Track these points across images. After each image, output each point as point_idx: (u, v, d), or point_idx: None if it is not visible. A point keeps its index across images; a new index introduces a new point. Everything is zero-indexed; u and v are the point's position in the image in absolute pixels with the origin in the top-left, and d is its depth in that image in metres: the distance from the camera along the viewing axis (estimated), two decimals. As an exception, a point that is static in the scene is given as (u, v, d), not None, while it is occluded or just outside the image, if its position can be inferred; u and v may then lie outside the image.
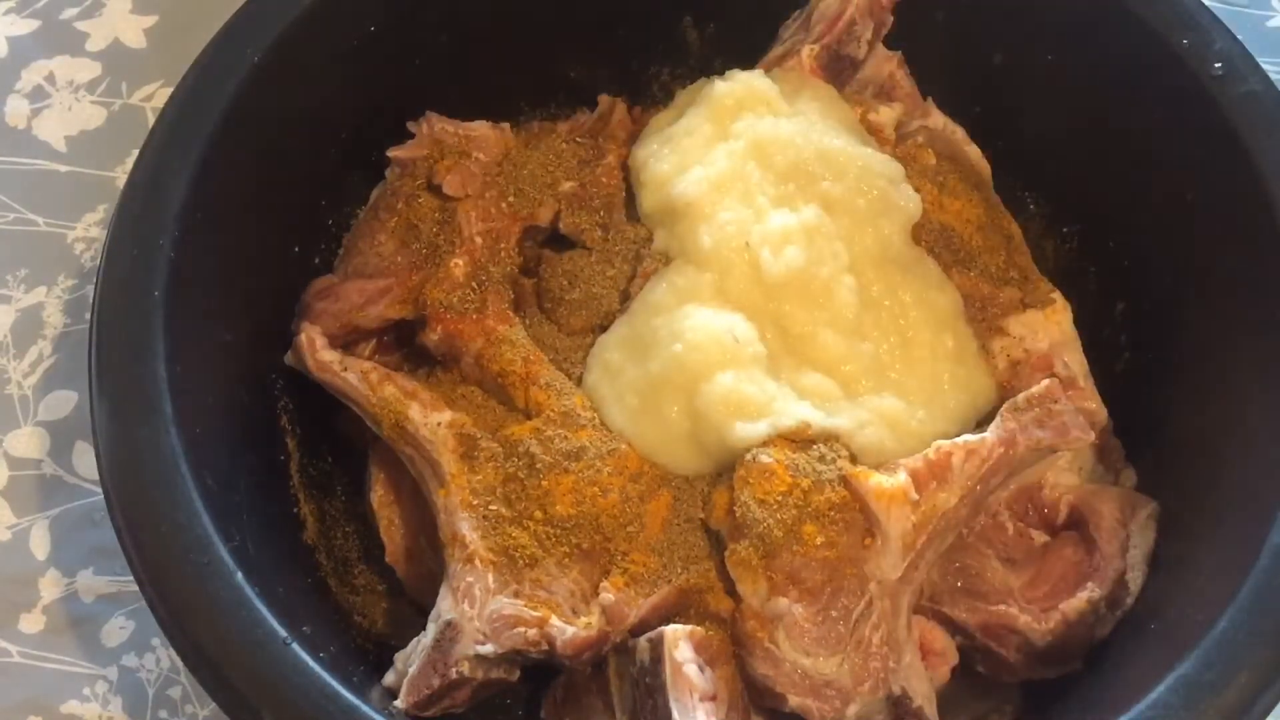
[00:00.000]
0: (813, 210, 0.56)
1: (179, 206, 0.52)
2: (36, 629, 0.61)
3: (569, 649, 0.49)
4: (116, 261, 0.52)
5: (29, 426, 0.65)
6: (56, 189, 0.71)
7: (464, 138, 0.60)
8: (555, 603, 0.51)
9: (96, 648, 0.60)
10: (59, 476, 0.64)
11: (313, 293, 0.58)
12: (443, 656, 0.50)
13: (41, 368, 0.67)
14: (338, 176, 0.60)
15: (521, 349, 0.56)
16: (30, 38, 0.75)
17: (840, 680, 0.50)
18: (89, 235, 0.70)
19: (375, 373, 0.55)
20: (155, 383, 0.49)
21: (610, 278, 0.58)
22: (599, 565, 0.52)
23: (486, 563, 0.51)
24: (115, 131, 0.72)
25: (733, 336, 0.53)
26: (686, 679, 0.49)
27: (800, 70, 0.61)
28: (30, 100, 0.73)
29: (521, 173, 0.60)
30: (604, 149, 0.60)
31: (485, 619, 0.50)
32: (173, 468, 0.48)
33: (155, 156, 0.54)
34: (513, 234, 0.59)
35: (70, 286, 0.68)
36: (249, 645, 0.46)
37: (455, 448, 0.53)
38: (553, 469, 0.52)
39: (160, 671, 0.60)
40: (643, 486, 0.53)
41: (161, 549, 0.47)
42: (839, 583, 0.51)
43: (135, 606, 0.61)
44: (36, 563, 0.62)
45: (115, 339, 0.51)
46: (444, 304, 0.57)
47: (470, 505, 0.52)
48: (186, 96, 0.55)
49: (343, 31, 0.58)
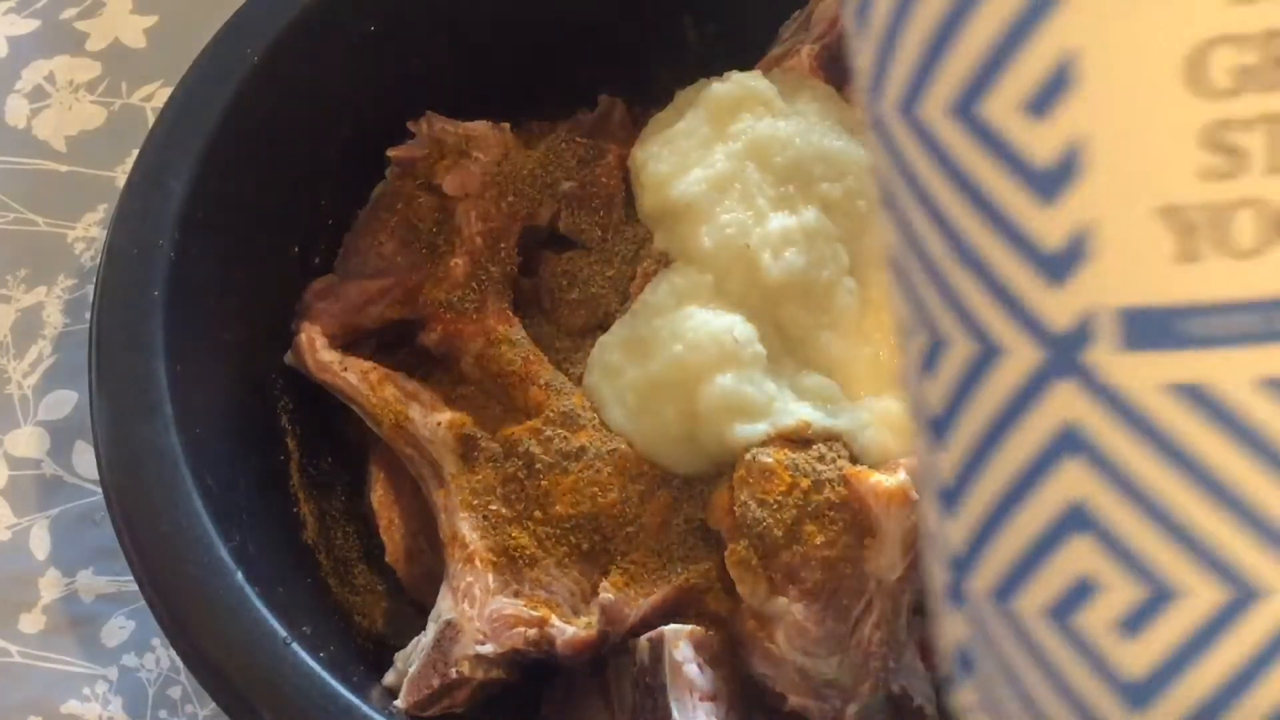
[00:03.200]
0: (813, 212, 0.56)
1: (179, 206, 0.52)
2: (36, 629, 0.61)
3: (569, 649, 0.49)
4: (116, 261, 0.52)
5: (29, 426, 0.65)
6: (56, 189, 0.70)
7: (464, 137, 0.60)
8: (555, 603, 0.51)
9: (96, 648, 0.60)
10: (59, 476, 0.64)
11: (313, 293, 0.58)
12: (443, 656, 0.50)
13: (41, 367, 0.67)
14: (338, 176, 0.60)
15: (521, 349, 0.56)
16: (30, 37, 0.74)
17: (840, 680, 0.50)
18: (89, 235, 0.69)
19: (375, 373, 0.55)
20: (155, 383, 0.49)
21: (610, 278, 0.58)
22: (599, 565, 0.52)
23: (486, 563, 0.51)
24: (115, 131, 0.72)
25: (733, 337, 0.53)
26: (686, 679, 0.49)
27: (800, 70, 0.60)
28: (30, 100, 0.73)
29: (521, 172, 0.60)
30: (604, 149, 0.60)
31: (485, 619, 0.50)
32: (173, 468, 0.48)
33: (155, 156, 0.54)
34: (512, 234, 0.59)
35: (70, 286, 0.68)
36: (249, 645, 0.46)
37: (455, 448, 0.53)
38: (552, 469, 0.52)
39: (160, 671, 0.60)
40: (642, 487, 0.53)
41: (161, 549, 0.47)
42: (839, 582, 0.50)
43: (135, 606, 0.61)
44: (36, 562, 0.62)
45: (115, 339, 0.51)
46: (443, 304, 0.57)
47: (470, 505, 0.52)
48: (187, 96, 0.55)
49: (343, 31, 0.58)
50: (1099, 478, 0.25)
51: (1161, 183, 0.23)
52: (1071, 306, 0.25)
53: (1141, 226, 0.24)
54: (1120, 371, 0.24)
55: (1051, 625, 0.26)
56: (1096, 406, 0.25)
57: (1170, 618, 0.25)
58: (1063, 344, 0.25)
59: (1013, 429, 0.26)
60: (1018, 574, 0.27)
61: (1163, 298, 0.24)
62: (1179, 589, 0.25)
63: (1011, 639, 0.27)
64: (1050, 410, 0.25)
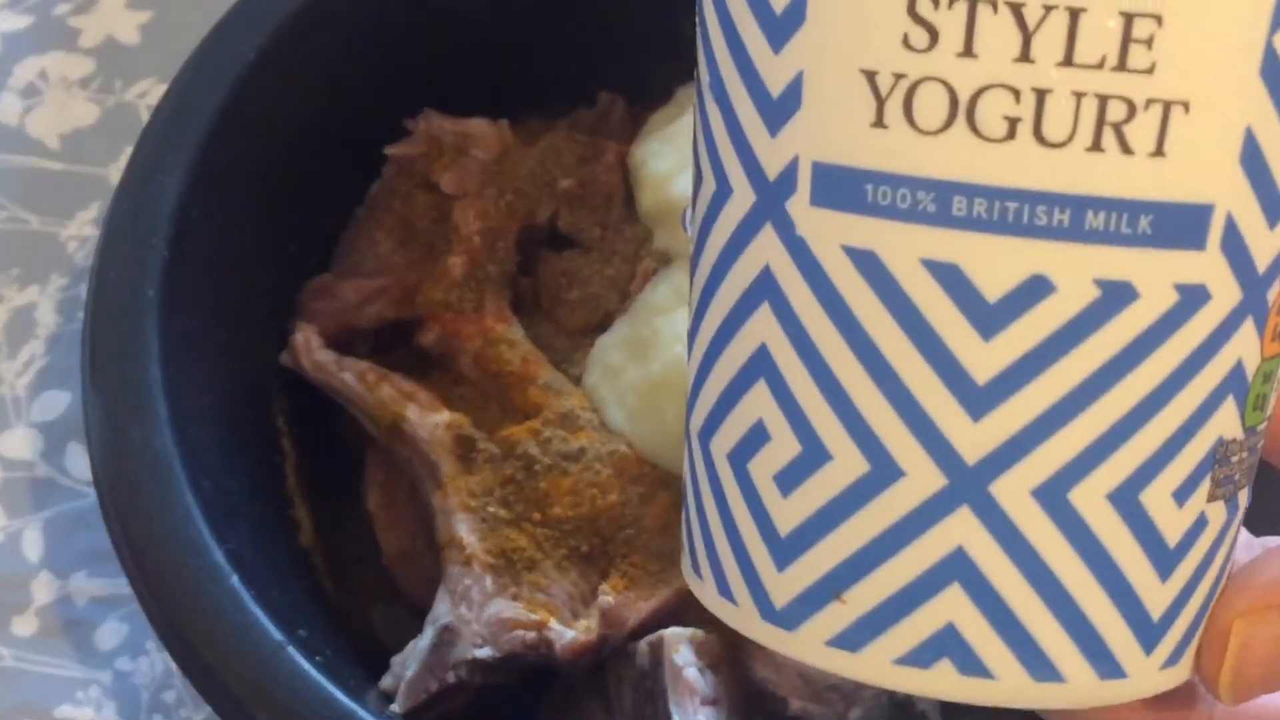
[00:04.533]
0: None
1: (173, 205, 0.52)
2: (29, 632, 0.60)
3: (568, 652, 0.49)
4: (110, 260, 0.51)
5: (21, 427, 0.65)
6: (49, 187, 0.70)
7: (462, 135, 0.59)
8: (554, 605, 0.51)
9: (90, 651, 0.60)
10: (52, 478, 0.64)
11: (309, 292, 0.58)
12: (440, 660, 0.49)
13: (34, 368, 0.66)
14: (334, 174, 0.60)
15: (520, 349, 0.55)
16: (23, 34, 0.74)
17: (843, 684, 0.50)
18: (82, 234, 0.69)
19: (372, 373, 0.55)
20: (149, 383, 0.49)
21: (609, 277, 0.58)
22: (598, 568, 0.52)
23: (484, 565, 0.51)
24: (109, 129, 0.72)
25: (734, 336, 0.53)
26: (687, 683, 0.49)
27: (801, 67, 0.60)
28: (23, 97, 0.73)
29: (520, 170, 0.59)
30: (603, 147, 0.60)
31: (483, 622, 0.50)
32: (167, 469, 0.48)
33: (149, 154, 0.53)
34: (511, 232, 0.58)
35: (63, 285, 0.68)
36: (244, 649, 0.46)
37: (453, 449, 0.53)
38: (551, 470, 0.52)
39: (154, 675, 0.60)
40: (643, 488, 0.52)
41: (155, 551, 0.47)
42: (841, 585, 0.50)
43: (129, 609, 0.60)
44: (29, 565, 0.62)
45: (109, 338, 0.50)
46: (441, 303, 0.56)
47: (468, 507, 0.52)
48: (181, 93, 0.55)
49: (339, 27, 0.58)
50: (779, 327, 0.27)
51: (868, 44, 0.24)
52: (782, 154, 0.26)
53: (846, 85, 0.25)
54: (808, 224, 0.26)
55: (732, 468, 0.28)
56: (786, 255, 0.26)
57: (819, 479, 0.26)
58: (772, 190, 0.26)
59: (730, 269, 0.27)
60: (717, 415, 0.28)
61: (852, 160, 0.25)
62: (829, 452, 0.26)
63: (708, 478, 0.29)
64: (756, 252, 0.27)
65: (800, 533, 0.27)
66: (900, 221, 0.24)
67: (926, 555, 0.26)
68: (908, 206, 0.24)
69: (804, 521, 0.27)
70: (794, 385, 0.26)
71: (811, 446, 0.26)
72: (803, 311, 0.26)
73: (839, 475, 0.26)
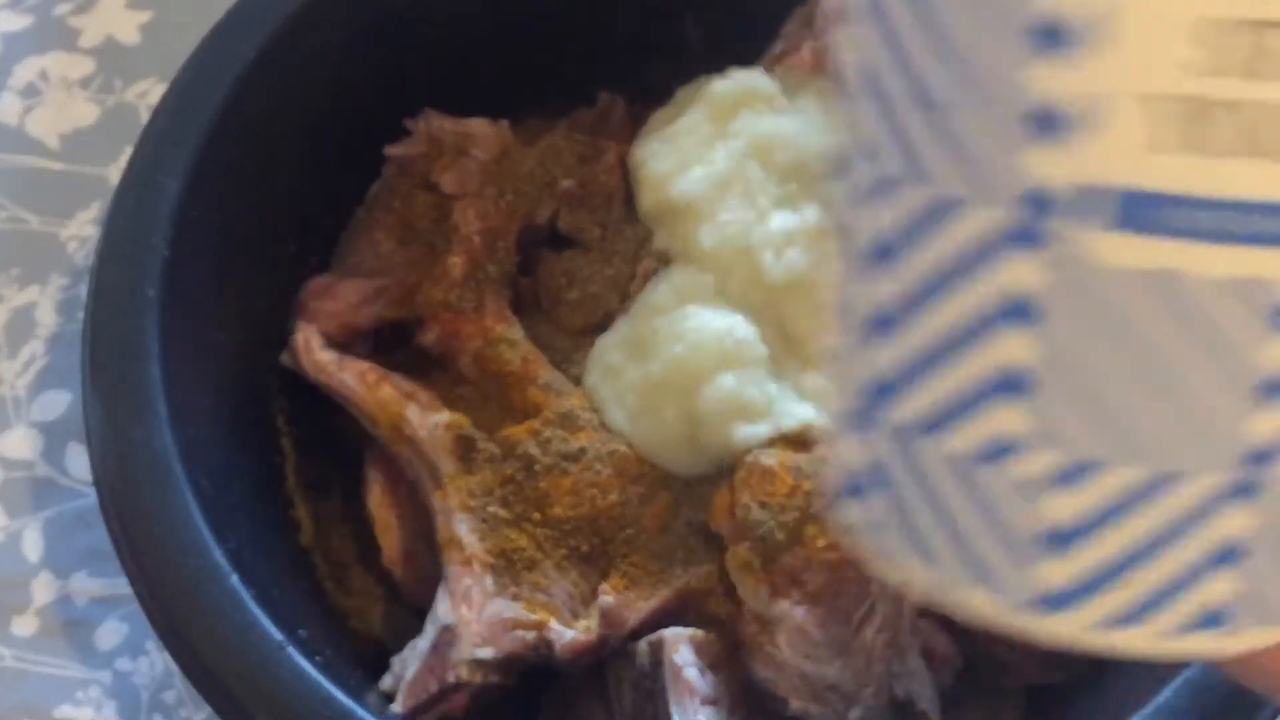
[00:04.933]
0: (815, 211, 0.55)
1: (173, 204, 0.52)
2: (29, 632, 0.60)
3: (568, 652, 0.49)
4: (110, 260, 0.51)
5: (21, 427, 0.65)
6: (49, 186, 0.70)
7: (462, 135, 0.59)
8: (554, 606, 0.51)
9: (90, 651, 0.60)
10: (51, 478, 0.64)
11: (309, 292, 0.58)
12: (440, 660, 0.49)
13: (34, 368, 0.66)
14: (334, 174, 0.60)
15: (520, 349, 0.55)
16: (23, 34, 0.74)
17: (843, 684, 0.50)
18: (82, 234, 0.69)
19: (372, 373, 0.55)
20: (149, 383, 0.49)
21: (609, 277, 0.58)
22: (598, 568, 0.52)
23: (484, 565, 0.51)
24: (109, 128, 0.71)
25: (734, 338, 0.53)
26: (687, 683, 0.49)
27: (802, 68, 0.60)
28: (23, 97, 0.73)
29: (520, 171, 0.59)
30: (603, 147, 0.60)
31: (483, 622, 0.50)
32: (167, 469, 0.48)
33: (149, 154, 0.53)
34: (511, 232, 0.58)
35: (63, 285, 0.68)
36: (244, 649, 0.46)
37: (453, 449, 0.53)
38: (551, 470, 0.52)
39: (154, 675, 0.60)
40: (643, 488, 0.52)
41: (155, 552, 0.47)
42: (842, 585, 0.50)
43: (129, 609, 0.60)
44: (29, 565, 0.62)
45: (109, 338, 0.50)
46: (441, 303, 0.56)
47: (468, 507, 0.52)
48: (181, 93, 0.55)
49: (339, 27, 0.58)
50: (1038, 346, 0.26)
51: (1158, 68, 0.24)
52: (1057, 174, 0.25)
53: (1134, 108, 0.25)
54: (1088, 246, 0.25)
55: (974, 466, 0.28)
56: (1052, 274, 0.26)
57: (1085, 487, 0.27)
58: (1036, 208, 0.26)
59: (966, 279, 0.27)
60: (948, 414, 0.28)
61: (1139, 183, 0.25)
62: (1095, 462, 0.26)
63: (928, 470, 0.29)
64: (1010, 270, 0.26)
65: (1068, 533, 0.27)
66: (1196, 242, 0.25)
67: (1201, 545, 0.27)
68: (1201, 228, 0.25)
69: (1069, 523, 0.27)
70: (1052, 401, 0.26)
71: (1074, 459, 0.27)
72: (1072, 329, 0.26)
73: (1108, 484, 0.27)
